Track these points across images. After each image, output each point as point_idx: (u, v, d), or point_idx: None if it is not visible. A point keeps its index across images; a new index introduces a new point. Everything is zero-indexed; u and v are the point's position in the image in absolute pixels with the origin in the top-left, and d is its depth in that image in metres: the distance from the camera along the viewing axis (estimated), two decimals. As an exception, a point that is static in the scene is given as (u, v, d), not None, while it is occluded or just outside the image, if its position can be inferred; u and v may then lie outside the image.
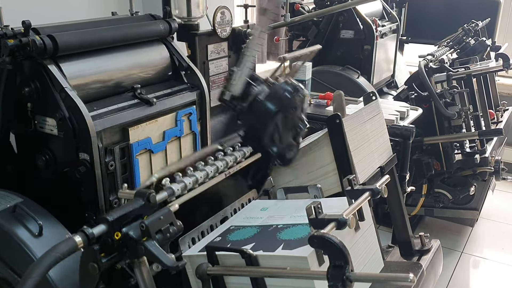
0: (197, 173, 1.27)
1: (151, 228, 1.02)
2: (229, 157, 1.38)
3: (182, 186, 1.21)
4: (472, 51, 3.24)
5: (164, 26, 1.84)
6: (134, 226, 1.02)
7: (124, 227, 1.01)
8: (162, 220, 1.04)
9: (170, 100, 1.75)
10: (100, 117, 1.53)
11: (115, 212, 1.01)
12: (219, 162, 1.34)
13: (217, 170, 1.33)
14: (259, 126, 1.47)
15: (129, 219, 1.03)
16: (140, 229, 1.02)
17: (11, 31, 1.48)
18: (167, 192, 1.17)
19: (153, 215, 1.04)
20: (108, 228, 1.00)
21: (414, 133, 1.98)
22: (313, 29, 3.16)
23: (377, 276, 1.07)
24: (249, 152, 1.45)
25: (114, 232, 1.01)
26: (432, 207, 2.94)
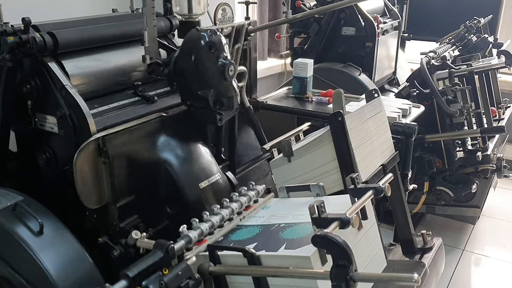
0: (212, 218, 1.28)
1: (170, 285, 1.03)
2: (243, 197, 1.40)
3: (199, 233, 1.22)
4: (474, 48, 3.22)
5: (165, 23, 1.83)
6: (153, 279, 1.03)
7: (143, 281, 1.03)
8: (180, 275, 1.06)
9: (171, 97, 1.75)
10: (100, 115, 1.52)
11: (136, 267, 1.03)
12: (233, 204, 1.35)
13: (232, 213, 1.34)
14: (187, 79, 1.51)
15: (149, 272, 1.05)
16: (159, 286, 1.03)
17: (11, 28, 1.47)
18: (185, 240, 1.18)
19: (171, 271, 1.06)
20: (129, 284, 1.01)
21: (416, 130, 1.97)
22: (315, 26, 3.15)
23: (381, 276, 1.06)
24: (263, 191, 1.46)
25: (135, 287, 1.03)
26: (433, 205, 2.93)
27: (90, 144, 1.41)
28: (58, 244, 1.34)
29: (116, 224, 1.49)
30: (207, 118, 1.58)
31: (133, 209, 1.54)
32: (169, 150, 1.60)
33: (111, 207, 1.50)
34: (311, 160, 1.58)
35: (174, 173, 1.56)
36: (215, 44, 1.51)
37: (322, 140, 1.56)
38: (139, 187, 1.55)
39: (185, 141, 1.65)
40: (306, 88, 2.52)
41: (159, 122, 1.61)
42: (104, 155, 1.44)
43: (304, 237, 1.14)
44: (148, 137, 1.57)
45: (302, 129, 1.85)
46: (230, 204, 1.35)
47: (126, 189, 1.52)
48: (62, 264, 1.29)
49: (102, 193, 1.49)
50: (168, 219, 1.56)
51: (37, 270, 1.26)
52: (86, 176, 1.45)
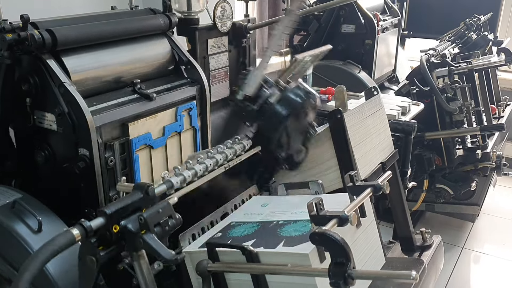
0: (196, 166, 1.26)
1: (150, 221, 1.01)
2: (228, 150, 1.37)
3: (181, 179, 1.21)
4: (474, 46, 3.22)
5: (164, 20, 1.83)
6: (132, 219, 1.01)
7: (122, 220, 1.00)
8: (161, 213, 1.04)
9: (170, 95, 1.74)
10: (99, 112, 1.52)
11: (113, 205, 1.01)
12: (218, 155, 1.33)
13: (216, 163, 1.32)
14: (268, 130, 1.45)
15: (128, 212, 1.02)
16: (138, 222, 1.01)
17: (9, 25, 1.46)
18: (166, 185, 1.17)
19: (151, 208, 1.04)
20: (106, 221, 0.99)
21: (416, 128, 1.97)
22: (314, 23, 3.14)
23: (379, 274, 1.07)
24: (249, 145, 1.44)
25: (112, 225, 1.00)
26: (433, 203, 2.93)
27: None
28: (57, 242, 1.33)
29: None
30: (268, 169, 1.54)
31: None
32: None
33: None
34: (310, 158, 1.58)
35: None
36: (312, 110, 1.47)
37: (321, 138, 1.56)
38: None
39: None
40: (305, 85, 2.51)
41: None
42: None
43: (302, 235, 1.14)
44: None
45: (302, 127, 1.84)
46: (215, 155, 1.34)
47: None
48: (61, 262, 1.29)
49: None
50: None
51: (36, 267, 1.26)
52: None
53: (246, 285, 1.15)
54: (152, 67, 1.80)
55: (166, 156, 1.75)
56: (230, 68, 2.34)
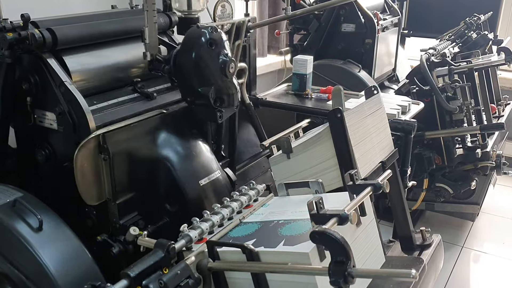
0: (213, 217, 1.29)
1: (170, 285, 1.04)
2: (243, 197, 1.41)
3: (199, 232, 1.24)
4: (474, 45, 3.22)
5: (164, 20, 1.83)
6: (153, 279, 1.05)
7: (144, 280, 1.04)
8: (179, 274, 1.07)
9: (170, 94, 1.74)
10: (100, 111, 1.52)
11: (137, 267, 1.04)
12: (233, 203, 1.36)
13: (232, 212, 1.35)
14: (188, 76, 1.50)
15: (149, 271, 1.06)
16: (158, 285, 1.04)
17: (10, 25, 1.46)
18: (185, 239, 1.20)
19: (171, 271, 1.07)
20: (130, 283, 1.03)
21: (416, 127, 1.97)
22: (314, 23, 3.14)
23: (379, 272, 1.07)
24: (263, 190, 1.48)
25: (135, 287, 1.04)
26: (433, 202, 2.93)
27: (90, 141, 1.42)
28: (58, 240, 1.34)
29: (115, 221, 1.50)
30: (208, 115, 1.58)
31: (133, 206, 1.54)
32: (169, 147, 1.60)
33: (111, 204, 1.50)
34: (310, 157, 1.58)
35: (174, 170, 1.56)
36: (216, 41, 1.51)
37: (321, 137, 1.56)
38: (139, 184, 1.55)
39: (185, 138, 1.65)
40: (305, 84, 2.52)
41: (160, 119, 1.61)
42: (104, 152, 1.44)
43: (302, 234, 1.14)
44: (149, 134, 1.57)
45: (302, 126, 1.85)
46: (231, 203, 1.36)
47: (126, 186, 1.52)
48: (62, 260, 1.29)
49: (102, 189, 1.49)
50: (168, 216, 1.56)
51: (36, 266, 1.26)
52: (86, 172, 1.45)
53: (247, 284, 1.15)
54: (153, 66, 1.79)
55: (167, 155, 1.75)
56: (230, 67, 2.34)
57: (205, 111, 1.55)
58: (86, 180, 1.45)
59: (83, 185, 1.45)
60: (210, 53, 1.50)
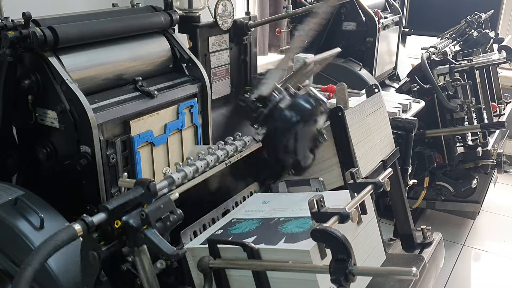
0: (197, 162, 1.27)
1: (151, 217, 1.01)
2: (229, 146, 1.38)
3: (182, 175, 1.21)
4: (475, 43, 3.22)
5: (165, 18, 1.83)
6: (134, 214, 1.02)
7: (124, 216, 1.01)
8: (162, 208, 1.04)
9: (171, 92, 1.74)
10: (101, 109, 1.52)
11: (115, 201, 1.01)
12: (219, 152, 1.34)
13: (217, 160, 1.32)
14: (276, 135, 1.45)
15: (129, 208, 1.03)
16: (140, 218, 1.01)
17: (11, 23, 1.47)
18: (167, 180, 1.17)
19: (153, 204, 1.04)
20: (108, 216, 1.00)
21: (417, 126, 1.97)
22: (315, 21, 3.14)
23: (380, 270, 1.07)
24: (249, 142, 1.44)
25: (114, 221, 1.00)
26: (433, 200, 2.94)
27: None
28: (59, 238, 1.34)
29: None
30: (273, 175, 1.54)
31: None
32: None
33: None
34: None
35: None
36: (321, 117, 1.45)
37: (322, 135, 1.56)
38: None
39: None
40: (306, 83, 2.51)
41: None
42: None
43: (303, 231, 1.14)
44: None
45: (302, 124, 1.84)
46: (216, 151, 1.34)
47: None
48: (63, 258, 1.30)
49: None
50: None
51: (38, 264, 1.27)
52: None
53: (247, 281, 1.15)
54: (154, 65, 1.80)
55: (168, 154, 1.75)
56: (231, 65, 2.34)
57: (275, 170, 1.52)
58: None
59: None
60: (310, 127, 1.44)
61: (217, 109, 2.16)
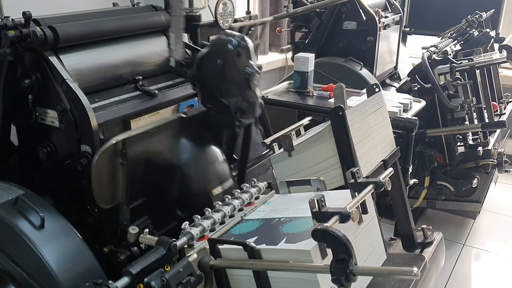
0: (214, 215, 1.29)
1: (172, 282, 1.04)
2: (245, 194, 1.40)
3: (201, 229, 1.23)
4: (476, 43, 3.22)
5: (166, 17, 1.83)
6: (155, 276, 1.05)
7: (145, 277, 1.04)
8: (181, 272, 1.07)
9: (171, 92, 1.74)
10: (101, 109, 1.52)
11: (138, 265, 1.04)
12: (235, 201, 1.36)
13: (233, 209, 1.34)
14: (211, 84, 1.48)
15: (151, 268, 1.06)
16: (161, 283, 1.04)
17: (11, 22, 1.46)
18: (186, 237, 1.19)
19: (173, 268, 1.07)
20: (131, 280, 1.03)
21: (417, 125, 1.97)
22: (316, 20, 3.14)
23: (380, 270, 1.07)
24: (264, 188, 1.47)
25: (137, 284, 1.03)
26: (434, 200, 2.93)
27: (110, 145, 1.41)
28: (59, 238, 1.34)
29: (126, 224, 1.49)
30: (226, 124, 1.56)
31: (144, 210, 1.54)
32: (186, 153, 1.59)
33: (123, 208, 1.49)
34: (311, 155, 1.58)
35: (188, 177, 1.55)
36: (243, 51, 1.48)
37: (323, 135, 1.56)
38: (153, 188, 1.54)
39: (201, 144, 1.63)
40: (307, 82, 2.52)
41: (178, 124, 1.59)
42: (122, 157, 1.42)
43: (304, 231, 1.14)
44: (166, 139, 1.56)
45: (303, 124, 1.85)
46: (232, 200, 1.36)
47: (140, 190, 1.51)
48: (63, 258, 1.29)
49: (116, 193, 1.48)
50: (178, 220, 1.54)
51: (38, 263, 1.26)
52: (103, 176, 1.44)
53: (248, 281, 1.15)
54: (154, 64, 1.80)
55: (168, 153, 1.75)
56: (232, 65, 2.34)
57: (224, 119, 1.54)
58: (101, 183, 1.44)
59: (98, 189, 1.44)
60: (237, 63, 1.48)
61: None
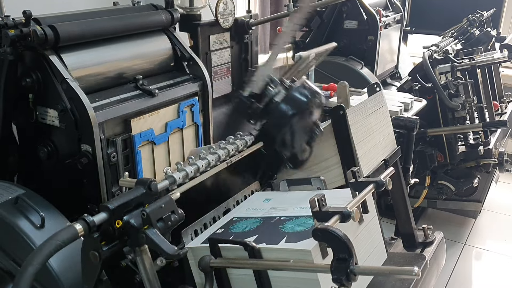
0: (198, 162, 1.27)
1: (152, 216, 1.01)
2: (230, 145, 1.37)
3: (184, 175, 1.21)
4: (477, 42, 3.21)
5: (166, 16, 1.83)
6: (135, 214, 1.02)
7: (125, 215, 1.01)
8: (163, 208, 1.04)
9: (172, 91, 1.74)
10: (102, 108, 1.52)
11: (116, 200, 1.01)
12: (220, 151, 1.34)
13: (218, 159, 1.32)
14: (273, 129, 1.45)
15: (131, 208, 1.03)
16: (141, 217, 1.02)
17: (12, 21, 1.46)
18: (168, 180, 1.17)
19: (154, 203, 1.04)
20: (109, 216, 1.00)
21: (418, 124, 1.96)
22: (317, 19, 3.14)
23: (381, 270, 1.07)
24: (251, 141, 1.44)
25: (115, 220, 1.01)
26: (435, 199, 2.93)
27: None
28: (60, 237, 1.34)
29: None
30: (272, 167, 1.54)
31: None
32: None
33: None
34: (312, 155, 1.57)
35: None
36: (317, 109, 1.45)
37: (323, 134, 1.55)
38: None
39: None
40: (307, 82, 2.51)
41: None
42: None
43: (304, 231, 1.14)
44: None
45: (304, 123, 1.84)
46: (217, 150, 1.34)
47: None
48: (64, 257, 1.29)
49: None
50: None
51: (39, 262, 1.27)
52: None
53: (248, 280, 1.15)
54: (154, 63, 1.80)
55: (169, 152, 1.75)
56: (232, 64, 2.34)
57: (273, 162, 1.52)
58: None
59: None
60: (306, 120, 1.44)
61: (218, 108, 2.15)
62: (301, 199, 1.34)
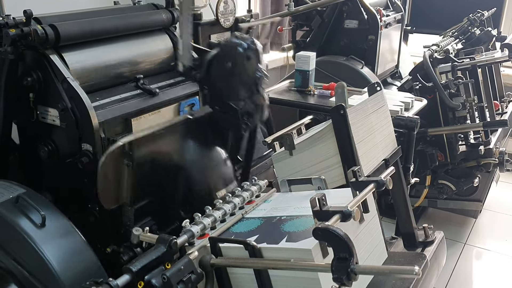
0: (215, 213, 1.29)
1: (173, 280, 1.04)
2: (245, 192, 1.40)
3: (202, 227, 1.24)
4: (478, 41, 3.21)
5: (167, 16, 1.83)
6: (155, 273, 1.05)
7: (146, 275, 1.04)
8: (182, 270, 1.07)
9: (173, 90, 1.74)
10: (102, 107, 1.52)
11: (139, 262, 1.04)
12: (236, 199, 1.36)
13: (234, 207, 1.35)
14: (219, 86, 1.48)
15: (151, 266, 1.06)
16: (162, 281, 1.04)
17: (12, 21, 1.46)
18: (187, 235, 1.19)
19: (174, 266, 1.07)
20: (132, 278, 1.03)
21: (419, 124, 1.96)
22: (317, 19, 3.14)
23: (382, 269, 1.07)
24: (265, 186, 1.47)
25: (137, 282, 1.03)
26: (435, 199, 2.93)
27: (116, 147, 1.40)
28: (60, 236, 1.34)
29: (130, 225, 1.49)
30: (233, 126, 1.56)
31: (148, 211, 1.54)
32: (190, 155, 1.58)
33: (127, 208, 1.49)
34: (313, 154, 1.58)
35: (192, 179, 1.55)
36: (253, 54, 1.48)
37: (324, 134, 1.55)
38: (157, 190, 1.54)
39: (206, 145, 1.63)
40: (308, 81, 2.51)
41: (184, 125, 1.58)
42: (128, 158, 1.41)
43: (305, 230, 1.14)
44: (171, 140, 1.55)
45: (304, 123, 1.84)
46: (233, 198, 1.35)
47: (144, 191, 1.51)
48: (64, 256, 1.30)
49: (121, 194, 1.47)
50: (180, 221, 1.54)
51: (39, 262, 1.27)
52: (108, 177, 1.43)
53: (249, 279, 1.15)
54: (155, 63, 1.80)
55: (169, 152, 1.75)
56: (233, 63, 2.33)
57: (231, 121, 1.53)
58: (107, 184, 1.43)
59: (103, 190, 1.43)
60: (246, 66, 1.47)
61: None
62: (302, 198, 1.34)
